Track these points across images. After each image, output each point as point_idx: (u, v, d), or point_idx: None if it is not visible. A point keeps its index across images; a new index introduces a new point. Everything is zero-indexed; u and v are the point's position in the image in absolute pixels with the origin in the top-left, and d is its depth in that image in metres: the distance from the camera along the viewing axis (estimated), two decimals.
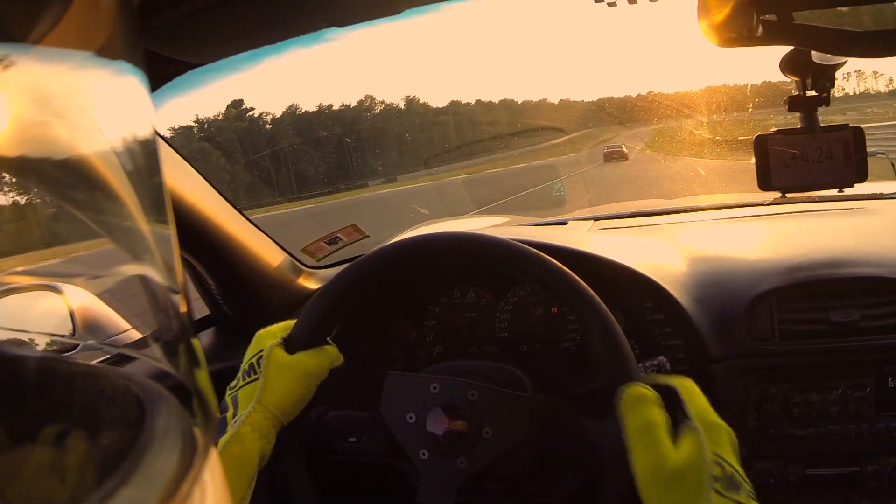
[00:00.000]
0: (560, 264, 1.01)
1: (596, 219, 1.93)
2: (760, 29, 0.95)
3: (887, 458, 1.23)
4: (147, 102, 0.40)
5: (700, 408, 0.91)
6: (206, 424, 0.41)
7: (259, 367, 1.01)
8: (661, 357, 1.09)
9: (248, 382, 1.01)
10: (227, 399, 1.01)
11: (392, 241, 1.12)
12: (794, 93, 1.30)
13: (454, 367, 1.18)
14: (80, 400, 0.42)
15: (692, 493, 0.83)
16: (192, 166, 1.37)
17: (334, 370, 1.08)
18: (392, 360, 1.48)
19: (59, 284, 1.43)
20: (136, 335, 1.47)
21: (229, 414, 0.98)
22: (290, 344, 1.05)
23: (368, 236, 1.91)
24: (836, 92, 1.27)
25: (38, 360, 0.44)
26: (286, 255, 1.67)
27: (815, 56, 1.22)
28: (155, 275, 0.40)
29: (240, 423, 0.95)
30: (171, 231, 0.41)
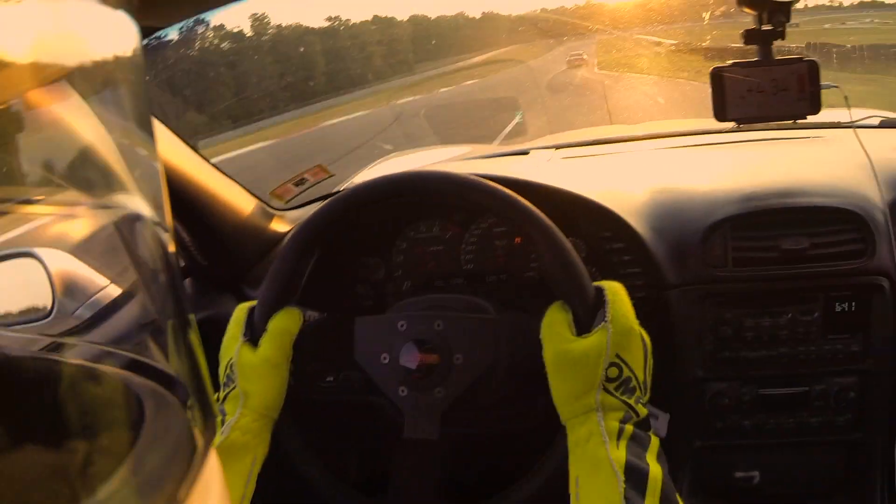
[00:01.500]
0: (507, 190, 1.04)
1: (557, 147, 1.96)
2: None
3: (833, 378, 1.32)
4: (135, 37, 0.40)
5: (620, 312, 0.95)
6: (205, 424, 0.42)
7: (234, 375, 1.05)
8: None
9: (229, 392, 1.05)
10: (216, 408, 1.04)
11: (345, 187, 1.13)
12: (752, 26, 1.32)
13: (419, 302, 1.20)
14: (80, 400, 0.42)
15: (584, 385, 0.90)
16: (154, 115, 1.34)
17: (306, 326, 1.11)
18: (361, 298, 1.50)
19: (35, 250, 1.42)
20: (114, 290, 1.48)
21: (217, 421, 1.02)
22: (254, 334, 1.09)
23: (334, 175, 1.92)
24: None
25: (37, 361, 0.45)
26: (255, 199, 1.67)
27: None
28: (144, 211, 0.41)
29: (228, 432, 0.99)
30: (161, 172, 0.42)
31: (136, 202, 0.41)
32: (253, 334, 1.09)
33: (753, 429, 1.35)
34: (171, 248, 0.42)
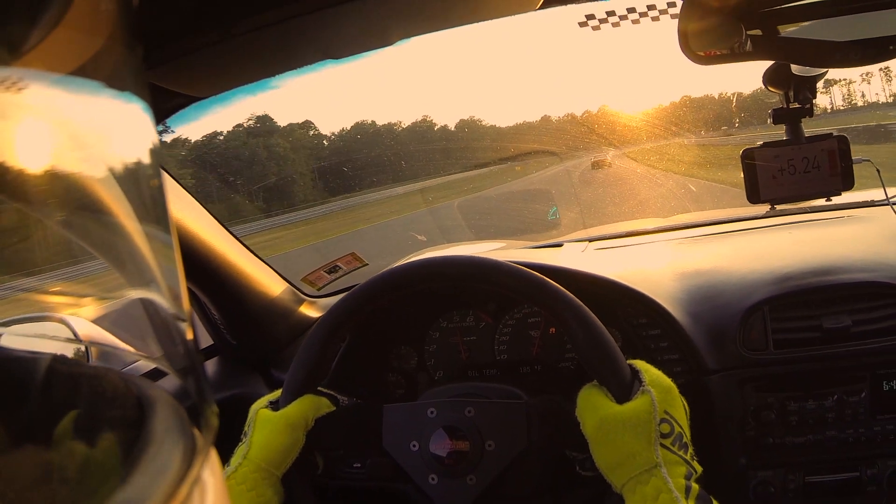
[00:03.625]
0: (536, 273, 1.03)
1: (591, 240, 1.95)
2: (749, 44, 0.98)
3: (886, 461, 1.24)
4: (151, 130, 0.41)
5: (654, 374, 0.96)
6: (205, 425, 0.41)
7: (248, 430, 1.06)
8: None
9: (238, 446, 1.05)
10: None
11: (375, 275, 1.13)
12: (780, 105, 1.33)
13: (451, 390, 1.18)
14: (81, 400, 0.42)
15: (640, 442, 0.87)
16: (194, 196, 1.40)
17: (336, 411, 1.11)
18: (394, 387, 1.49)
19: (63, 315, 1.45)
20: (146, 365, 1.50)
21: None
22: (276, 405, 1.09)
23: (367, 264, 1.95)
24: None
25: (38, 361, 0.44)
26: (287, 284, 1.69)
27: (796, 69, 1.25)
28: (161, 301, 0.41)
29: (225, 477, 0.99)
30: (177, 259, 0.41)
31: (153, 293, 0.41)
32: (277, 408, 1.09)
33: None
34: (189, 335, 0.42)
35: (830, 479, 1.25)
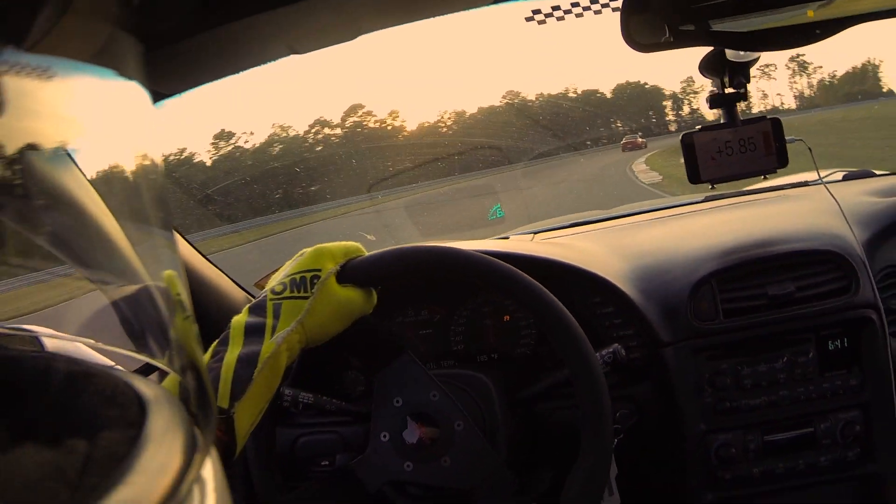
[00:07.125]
0: (512, 266, 1.05)
1: (536, 232, 1.98)
2: (682, 35, 1.03)
3: (836, 414, 1.32)
4: (153, 121, 0.42)
5: None
6: (206, 424, 0.42)
7: (311, 288, 1.00)
8: (616, 345, 1.16)
9: (296, 297, 0.99)
10: (269, 304, 0.98)
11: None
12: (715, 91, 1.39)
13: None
14: (81, 400, 0.42)
15: None
16: None
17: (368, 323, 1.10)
18: (353, 384, 1.47)
19: (34, 329, 1.39)
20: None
21: (268, 321, 0.97)
22: (346, 275, 1.05)
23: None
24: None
25: (38, 360, 0.44)
26: (239, 289, 1.67)
27: (731, 55, 1.31)
28: (160, 297, 0.42)
29: (282, 341, 0.95)
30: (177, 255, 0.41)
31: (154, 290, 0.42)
32: (344, 276, 1.05)
33: (763, 476, 1.33)
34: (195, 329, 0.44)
35: (787, 436, 1.32)
